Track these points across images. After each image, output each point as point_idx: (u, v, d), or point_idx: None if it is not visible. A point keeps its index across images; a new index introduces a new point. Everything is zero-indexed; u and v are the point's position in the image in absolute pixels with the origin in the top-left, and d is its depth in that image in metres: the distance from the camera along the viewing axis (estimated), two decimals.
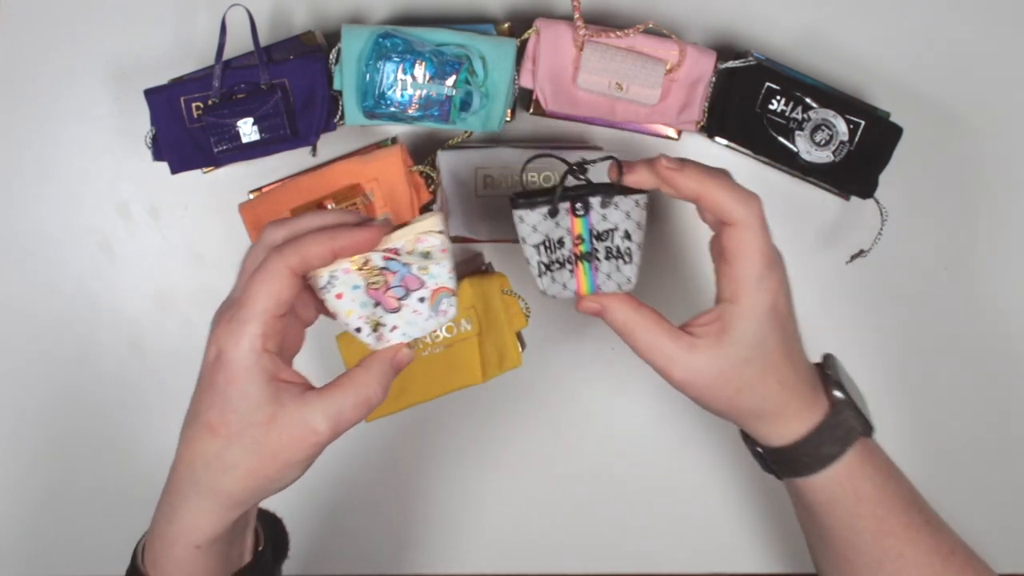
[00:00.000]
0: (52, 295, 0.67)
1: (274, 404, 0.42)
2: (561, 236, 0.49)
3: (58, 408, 0.69)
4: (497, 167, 0.63)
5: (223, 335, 0.42)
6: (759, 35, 0.66)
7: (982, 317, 0.70)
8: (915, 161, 0.66)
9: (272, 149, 0.61)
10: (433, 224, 0.45)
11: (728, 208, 0.46)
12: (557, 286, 0.50)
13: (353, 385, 0.44)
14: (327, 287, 0.45)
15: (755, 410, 0.49)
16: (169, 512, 0.45)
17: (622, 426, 0.70)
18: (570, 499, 0.71)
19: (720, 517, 0.72)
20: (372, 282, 0.45)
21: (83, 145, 0.66)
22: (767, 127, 0.63)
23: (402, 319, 0.46)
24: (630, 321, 0.48)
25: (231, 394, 0.42)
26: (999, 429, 0.71)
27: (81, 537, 0.71)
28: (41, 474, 0.70)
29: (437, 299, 0.46)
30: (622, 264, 0.49)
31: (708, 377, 0.48)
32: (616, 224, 0.49)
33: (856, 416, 0.51)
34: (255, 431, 0.42)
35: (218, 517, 0.44)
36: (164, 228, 0.67)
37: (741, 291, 0.47)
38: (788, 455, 0.51)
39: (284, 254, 0.42)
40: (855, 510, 0.50)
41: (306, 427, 0.42)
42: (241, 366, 0.41)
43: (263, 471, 0.43)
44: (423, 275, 0.45)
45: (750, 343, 0.47)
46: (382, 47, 0.59)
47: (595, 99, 0.62)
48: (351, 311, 0.45)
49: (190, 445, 0.44)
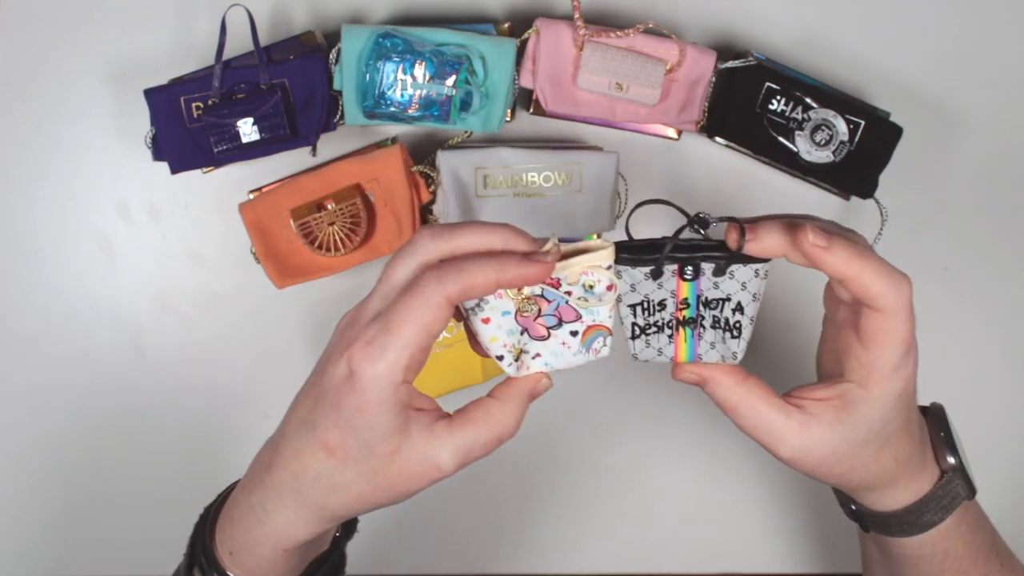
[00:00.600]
0: (52, 295, 0.67)
1: (401, 435, 0.39)
2: (664, 299, 0.43)
3: (58, 408, 0.69)
4: (497, 167, 0.63)
5: (361, 357, 0.37)
6: (759, 35, 0.66)
7: (982, 317, 0.70)
8: (915, 161, 0.66)
9: (272, 149, 0.61)
10: (603, 258, 0.41)
11: (878, 294, 0.41)
12: (651, 351, 0.44)
13: (488, 420, 0.40)
14: (475, 309, 0.41)
15: (865, 484, 0.46)
16: (261, 512, 0.42)
17: (622, 425, 0.70)
18: (570, 498, 0.71)
19: (720, 517, 0.72)
20: (524, 309, 0.41)
21: (83, 145, 0.66)
22: (767, 127, 0.63)
23: (547, 348, 0.42)
24: (734, 397, 0.43)
25: (358, 422, 0.38)
26: (999, 428, 0.71)
27: (81, 536, 0.71)
28: (41, 473, 0.70)
29: (591, 336, 0.42)
30: (729, 338, 0.43)
31: (819, 457, 0.43)
32: (729, 295, 0.42)
33: (964, 483, 0.48)
34: (375, 461, 0.39)
35: (315, 528, 0.42)
36: (164, 228, 0.67)
37: (874, 379, 0.42)
38: (886, 520, 0.47)
39: (443, 282, 0.37)
40: (940, 567, 0.48)
41: (431, 463, 0.39)
42: (377, 398, 0.37)
43: (375, 498, 0.40)
44: (581, 308, 0.41)
45: (872, 427, 0.43)
46: (382, 47, 0.59)
47: (595, 99, 0.62)
48: (496, 338, 0.41)
49: (299, 455, 0.40)
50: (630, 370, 0.69)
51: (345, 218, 0.62)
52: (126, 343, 0.68)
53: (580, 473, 0.71)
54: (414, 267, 0.39)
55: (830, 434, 0.43)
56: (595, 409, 0.70)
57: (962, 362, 0.70)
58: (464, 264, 0.38)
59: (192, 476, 0.69)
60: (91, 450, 0.69)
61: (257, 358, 0.68)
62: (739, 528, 0.72)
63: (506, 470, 0.71)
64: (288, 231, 0.62)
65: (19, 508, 0.70)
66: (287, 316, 0.68)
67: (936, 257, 0.69)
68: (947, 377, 0.70)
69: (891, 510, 0.47)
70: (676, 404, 0.70)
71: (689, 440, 0.71)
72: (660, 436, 0.71)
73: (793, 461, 0.44)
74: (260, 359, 0.68)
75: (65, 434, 0.69)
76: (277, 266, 0.63)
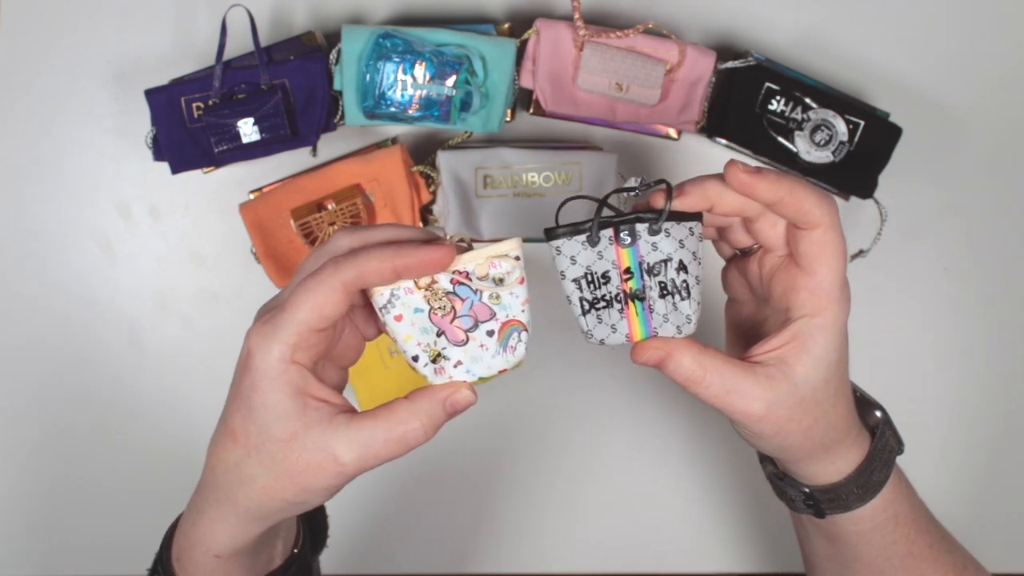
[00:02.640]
0: (52, 295, 0.68)
1: (297, 422, 0.39)
2: (607, 270, 0.42)
3: (58, 407, 0.69)
4: (497, 167, 0.63)
5: (255, 337, 0.39)
6: (759, 35, 0.66)
7: (982, 317, 0.70)
8: (915, 161, 0.67)
9: (272, 149, 0.61)
10: (509, 248, 0.41)
11: (811, 207, 0.42)
12: (604, 327, 0.43)
13: (390, 419, 0.40)
14: (387, 307, 0.40)
15: (825, 441, 0.45)
16: (194, 515, 0.43)
17: (622, 425, 0.70)
18: (570, 497, 0.71)
19: (719, 517, 0.72)
20: (437, 307, 0.41)
21: (83, 145, 0.66)
22: (767, 127, 0.63)
23: (467, 354, 0.41)
24: (700, 367, 0.42)
25: (254, 402, 0.39)
26: (998, 428, 0.71)
27: (81, 536, 0.71)
28: (41, 473, 0.70)
29: (507, 333, 0.41)
30: (679, 301, 0.42)
31: (789, 407, 0.43)
32: (669, 254, 0.42)
33: (893, 434, 0.49)
34: (273, 447, 0.39)
35: (236, 529, 0.41)
36: (164, 228, 0.67)
37: (825, 302, 0.42)
38: (842, 489, 0.47)
39: (340, 266, 0.38)
40: (892, 535, 0.48)
41: (327, 454, 0.39)
42: (267, 375, 0.38)
43: (280, 491, 0.40)
44: (494, 304, 0.41)
45: (830, 361, 0.43)
46: (382, 47, 0.59)
47: (595, 99, 0.62)
48: (410, 336, 0.41)
49: (214, 450, 0.41)
50: (629, 368, 0.69)
51: (345, 218, 0.62)
52: (126, 343, 0.68)
53: (580, 471, 0.71)
54: (322, 258, 0.40)
55: (794, 380, 0.43)
56: (595, 408, 0.70)
57: (962, 362, 0.70)
58: (362, 252, 0.39)
59: (192, 476, 0.69)
60: (91, 449, 0.69)
61: None
62: (739, 528, 0.72)
63: (506, 469, 0.71)
64: (288, 231, 0.63)
65: (19, 507, 0.70)
66: None
67: (936, 257, 0.69)
68: (947, 377, 0.71)
69: (844, 476, 0.47)
70: (677, 403, 0.70)
71: (690, 437, 0.71)
72: (660, 434, 0.71)
73: (767, 417, 0.43)
74: None
75: (65, 433, 0.69)
76: (277, 266, 0.63)
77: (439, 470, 0.71)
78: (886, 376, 0.70)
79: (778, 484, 0.51)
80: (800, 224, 0.43)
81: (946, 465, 0.71)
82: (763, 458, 0.52)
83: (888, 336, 0.70)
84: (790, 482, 0.49)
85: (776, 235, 0.44)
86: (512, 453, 0.71)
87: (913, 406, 0.70)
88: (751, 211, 0.44)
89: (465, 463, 0.71)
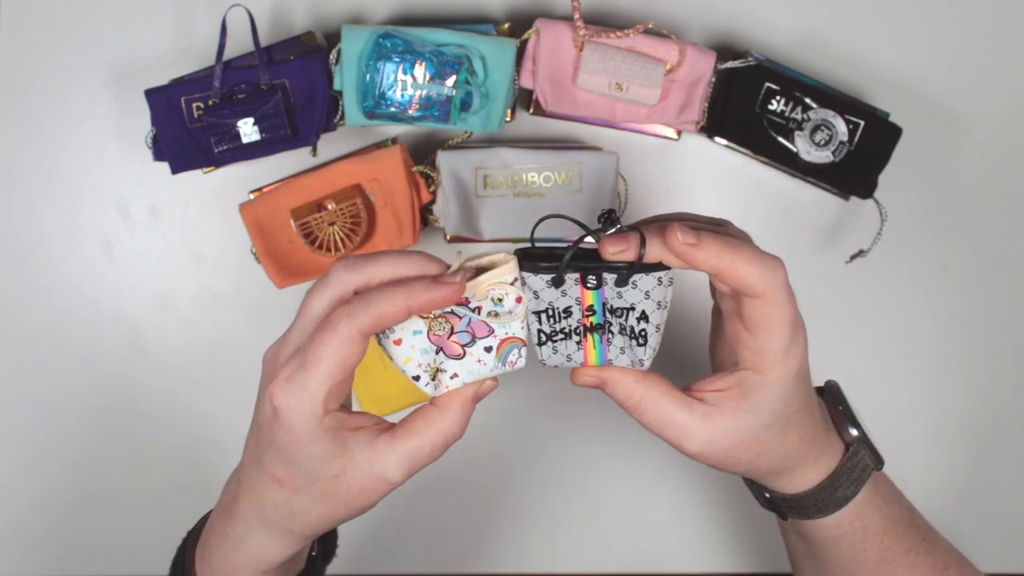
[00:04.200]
0: (52, 295, 0.68)
1: (342, 458, 0.40)
2: (569, 306, 0.43)
3: (58, 407, 0.69)
4: (497, 167, 0.63)
5: (281, 394, 0.39)
6: (759, 35, 0.66)
7: (982, 317, 0.70)
8: (915, 161, 0.67)
9: (272, 149, 0.61)
10: (507, 273, 0.41)
11: (752, 281, 0.41)
12: (559, 357, 0.44)
13: (430, 429, 0.41)
14: (385, 332, 0.41)
15: (774, 468, 0.46)
16: (236, 540, 0.43)
17: (622, 425, 0.70)
18: (570, 497, 0.71)
19: (720, 517, 0.72)
20: (436, 328, 0.41)
21: (83, 145, 0.66)
22: (767, 127, 0.63)
23: (463, 367, 0.42)
24: (635, 394, 0.44)
25: (295, 454, 0.39)
26: (998, 428, 0.71)
27: (80, 535, 0.71)
28: (40, 473, 0.70)
29: (506, 350, 0.42)
30: (636, 345, 0.43)
31: (726, 447, 0.44)
32: (632, 304, 0.42)
33: (870, 453, 0.48)
34: (323, 484, 0.40)
35: (289, 548, 0.43)
36: (164, 228, 0.67)
37: (767, 363, 0.42)
38: (800, 501, 0.47)
39: (355, 317, 0.38)
40: (862, 544, 0.48)
41: (377, 477, 0.40)
42: (304, 431, 0.39)
43: (335, 517, 0.41)
44: (492, 322, 0.41)
45: (774, 410, 0.43)
46: (382, 47, 0.59)
47: (595, 99, 0.62)
48: (410, 359, 0.41)
49: (256, 489, 0.42)
50: None
51: (345, 218, 0.62)
52: (126, 343, 0.68)
53: (580, 471, 0.71)
54: (328, 300, 0.40)
55: (733, 423, 0.43)
56: (595, 407, 0.70)
57: (962, 361, 0.70)
58: (374, 296, 0.39)
59: (192, 476, 0.69)
60: (91, 449, 0.69)
61: (257, 358, 0.68)
62: (738, 528, 0.72)
63: (506, 469, 0.71)
64: (288, 231, 0.63)
65: (19, 507, 0.70)
66: (287, 316, 0.67)
67: (936, 257, 0.69)
68: (947, 376, 0.71)
69: (804, 491, 0.47)
70: None
71: None
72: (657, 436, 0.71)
73: (701, 455, 0.44)
74: (260, 359, 0.68)
75: (65, 433, 0.69)
76: (277, 266, 0.63)
77: (439, 471, 0.70)
78: (885, 376, 0.70)
79: (745, 480, 0.52)
80: (743, 294, 0.42)
81: (944, 464, 0.71)
82: None
83: (888, 336, 0.70)
84: (755, 487, 0.50)
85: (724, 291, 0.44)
86: (511, 453, 0.71)
87: (912, 406, 0.70)
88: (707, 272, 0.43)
89: (465, 464, 0.71)
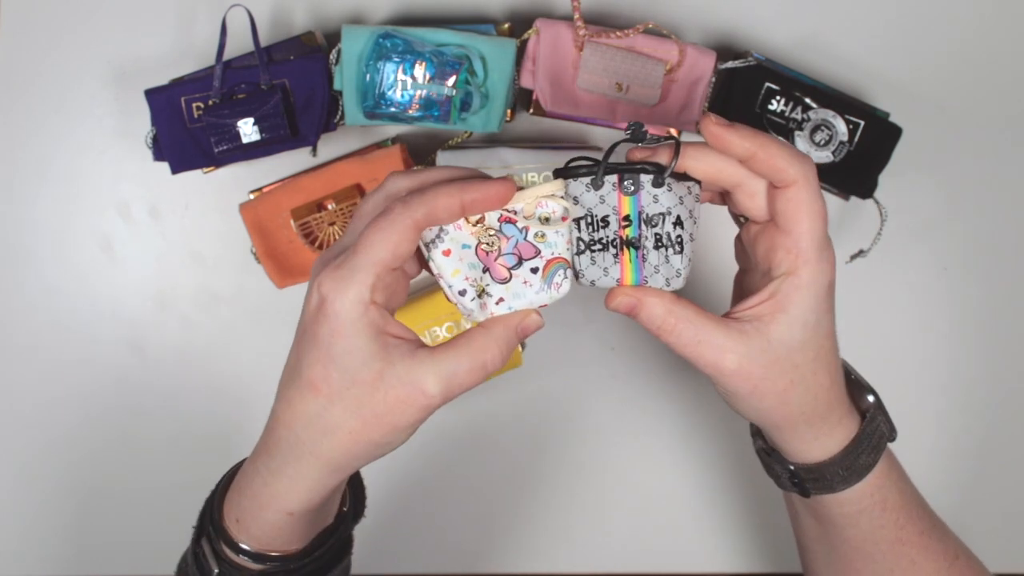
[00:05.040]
0: (53, 295, 0.68)
1: (382, 361, 0.39)
2: (607, 214, 0.43)
3: (58, 407, 0.69)
4: (497, 167, 0.63)
5: (328, 282, 0.38)
6: (759, 35, 0.66)
7: (982, 317, 0.70)
8: (915, 161, 0.67)
9: (272, 149, 0.61)
10: (556, 188, 0.42)
11: (784, 165, 0.41)
12: (597, 269, 0.43)
13: (470, 347, 0.40)
14: (435, 241, 0.41)
15: (804, 411, 0.45)
16: (266, 474, 0.42)
17: (622, 425, 0.70)
18: (570, 497, 0.71)
19: (721, 517, 0.72)
20: (485, 243, 0.41)
21: (83, 145, 0.66)
22: (767, 127, 0.63)
23: (510, 291, 0.42)
24: (672, 315, 0.43)
25: (335, 349, 0.39)
26: (998, 427, 0.71)
27: (81, 535, 0.71)
28: (40, 473, 0.70)
29: (552, 270, 0.42)
30: (671, 254, 0.43)
31: (763, 365, 0.43)
32: (668, 208, 0.43)
33: (886, 420, 0.48)
34: (359, 390, 0.39)
35: (317, 483, 0.41)
36: (164, 228, 0.67)
37: (802, 260, 0.42)
38: (826, 470, 0.47)
39: (410, 205, 0.38)
40: (880, 520, 0.48)
41: (415, 387, 0.39)
42: (348, 318, 0.38)
43: (366, 434, 0.40)
44: (539, 243, 0.42)
45: (808, 322, 0.43)
46: (382, 47, 0.59)
47: (595, 99, 0.62)
48: (458, 271, 0.41)
49: (290, 404, 0.41)
50: (628, 370, 0.69)
51: (345, 218, 0.62)
52: (126, 343, 0.68)
53: (580, 472, 0.71)
54: (383, 201, 0.40)
55: (769, 337, 0.43)
56: (595, 408, 0.70)
57: (961, 361, 0.70)
58: (429, 190, 0.39)
59: (192, 476, 0.69)
60: (91, 449, 0.69)
61: (257, 358, 0.69)
62: (738, 528, 0.72)
63: (506, 469, 0.71)
64: (288, 231, 0.63)
65: (19, 507, 0.70)
66: (287, 316, 0.68)
67: (936, 257, 0.69)
68: (947, 376, 0.71)
69: (828, 456, 0.47)
70: (676, 403, 0.70)
71: (690, 437, 0.71)
72: (660, 434, 0.71)
73: (739, 371, 0.43)
74: (260, 359, 0.68)
75: (65, 434, 0.69)
76: (277, 266, 0.63)
77: (440, 471, 0.71)
78: (885, 375, 0.70)
79: (765, 459, 0.51)
80: (775, 181, 0.43)
81: (944, 463, 0.71)
82: (753, 432, 0.52)
83: (888, 336, 0.70)
84: (777, 458, 0.49)
85: (755, 206, 0.44)
86: (513, 454, 0.71)
87: (912, 405, 0.70)
88: (726, 179, 0.44)
89: (467, 464, 0.71)
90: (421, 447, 0.70)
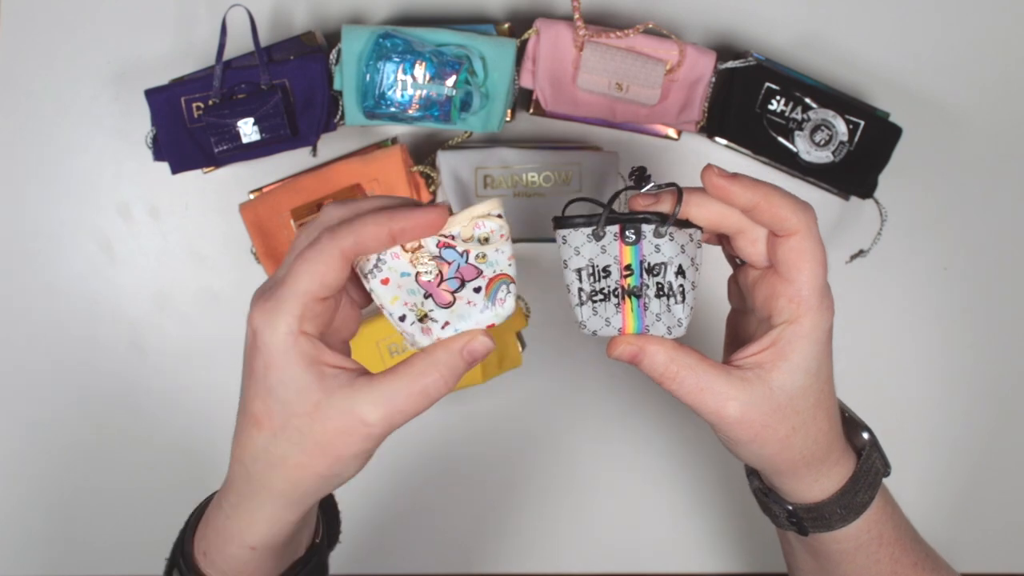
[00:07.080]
0: (52, 295, 0.68)
1: (318, 391, 0.39)
2: (608, 264, 0.43)
3: (58, 408, 0.69)
4: (497, 167, 0.64)
5: (258, 315, 0.39)
6: (759, 35, 0.66)
7: (982, 317, 0.70)
8: (915, 161, 0.67)
9: (272, 149, 0.61)
10: (491, 207, 0.41)
11: (787, 214, 0.42)
12: (599, 320, 0.44)
13: (410, 373, 0.40)
14: (373, 271, 0.41)
15: (805, 454, 0.45)
16: (228, 509, 0.42)
17: (622, 425, 0.70)
18: (570, 497, 0.71)
19: (719, 517, 0.72)
20: (424, 271, 0.41)
21: (83, 145, 0.66)
22: (767, 127, 0.63)
23: (455, 313, 0.41)
24: (673, 363, 0.43)
25: (271, 381, 0.39)
26: (998, 428, 0.71)
27: (80, 536, 0.71)
28: (40, 473, 0.70)
29: (494, 287, 0.42)
30: (673, 303, 0.43)
31: (765, 412, 0.43)
32: (670, 257, 0.43)
33: (880, 456, 0.48)
34: (299, 422, 0.39)
35: (274, 517, 0.41)
36: (164, 228, 0.67)
37: (804, 309, 0.42)
38: (825, 509, 0.47)
39: (337, 235, 0.38)
40: (876, 555, 0.48)
41: (354, 417, 0.39)
42: (278, 350, 0.38)
43: (312, 467, 0.40)
44: (481, 264, 0.41)
45: (809, 369, 0.43)
46: (382, 47, 0.59)
47: (595, 99, 0.62)
48: (396, 298, 0.41)
49: (239, 440, 0.41)
50: (628, 371, 0.69)
51: None
52: (126, 343, 0.68)
53: (580, 472, 0.71)
54: (315, 232, 0.40)
55: (772, 383, 0.43)
56: (594, 408, 0.70)
57: (962, 361, 0.70)
58: (357, 220, 0.39)
59: (192, 476, 0.69)
60: (90, 449, 0.69)
61: None
62: (737, 528, 0.72)
63: (505, 470, 0.71)
64: (288, 231, 0.63)
65: (19, 507, 0.70)
66: None
67: (936, 257, 0.69)
68: (947, 376, 0.71)
69: (828, 495, 0.47)
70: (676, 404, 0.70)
71: (689, 438, 0.71)
72: (660, 435, 0.71)
73: (741, 420, 0.43)
74: None
75: (65, 433, 0.69)
76: (277, 266, 0.63)
77: (440, 471, 0.71)
78: (885, 376, 0.70)
79: (763, 500, 0.51)
80: (777, 231, 0.43)
81: (946, 463, 0.71)
82: (749, 472, 0.52)
83: (888, 336, 0.70)
84: (774, 498, 0.49)
85: (756, 252, 0.44)
86: (511, 454, 0.71)
87: (912, 405, 0.70)
88: (728, 227, 0.44)
89: (466, 464, 0.71)
90: (421, 447, 0.70)
